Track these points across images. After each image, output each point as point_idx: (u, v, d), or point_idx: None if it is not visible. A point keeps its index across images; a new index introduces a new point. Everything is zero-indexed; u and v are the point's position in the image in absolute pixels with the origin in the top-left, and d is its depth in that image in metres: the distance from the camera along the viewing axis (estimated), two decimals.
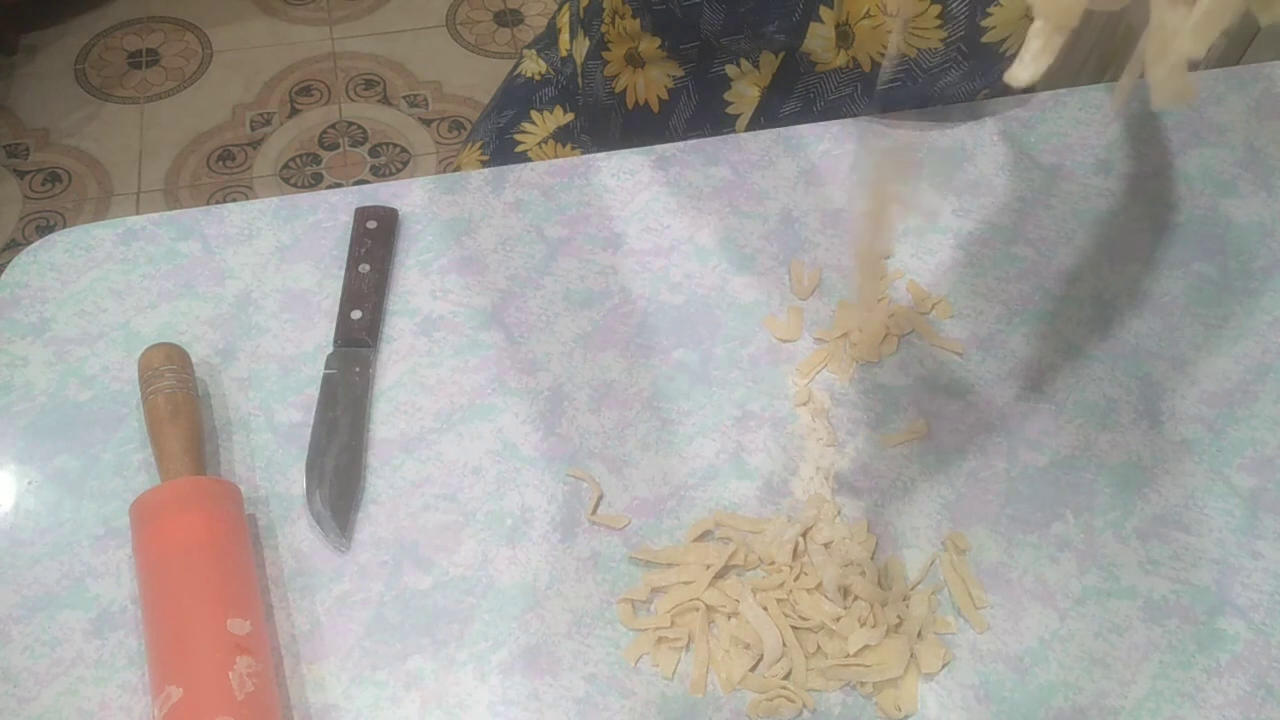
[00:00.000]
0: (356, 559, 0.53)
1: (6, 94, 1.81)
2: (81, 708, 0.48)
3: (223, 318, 0.61)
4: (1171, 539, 0.56)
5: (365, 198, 0.67)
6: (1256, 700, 0.51)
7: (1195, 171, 0.72)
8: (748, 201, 0.68)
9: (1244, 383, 0.62)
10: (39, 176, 1.70)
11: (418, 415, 0.58)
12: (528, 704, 0.49)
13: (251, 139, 1.78)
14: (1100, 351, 0.63)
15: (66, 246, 0.63)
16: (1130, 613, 0.53)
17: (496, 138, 0.89)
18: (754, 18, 0.70)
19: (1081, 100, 0.75)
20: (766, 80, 0.75)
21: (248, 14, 1.97)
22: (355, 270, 0.62)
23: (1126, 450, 0.59)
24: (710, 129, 0.79)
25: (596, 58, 0.81)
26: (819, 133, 0.72)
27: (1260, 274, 0.67)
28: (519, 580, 0.53)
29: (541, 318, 0.62)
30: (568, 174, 0.69)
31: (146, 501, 0.50)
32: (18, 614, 0.51)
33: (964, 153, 0.72)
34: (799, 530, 0.54)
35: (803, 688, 0.50)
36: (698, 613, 0.51)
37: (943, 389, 0.61)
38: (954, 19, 0.66)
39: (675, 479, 0.57)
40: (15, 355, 0.59)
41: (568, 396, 0.59)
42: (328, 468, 0.55)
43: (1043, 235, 0.68)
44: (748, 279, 0.65)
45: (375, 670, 0.50)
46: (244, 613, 0.48)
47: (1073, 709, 0.50)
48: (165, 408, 0.53)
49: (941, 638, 0.52)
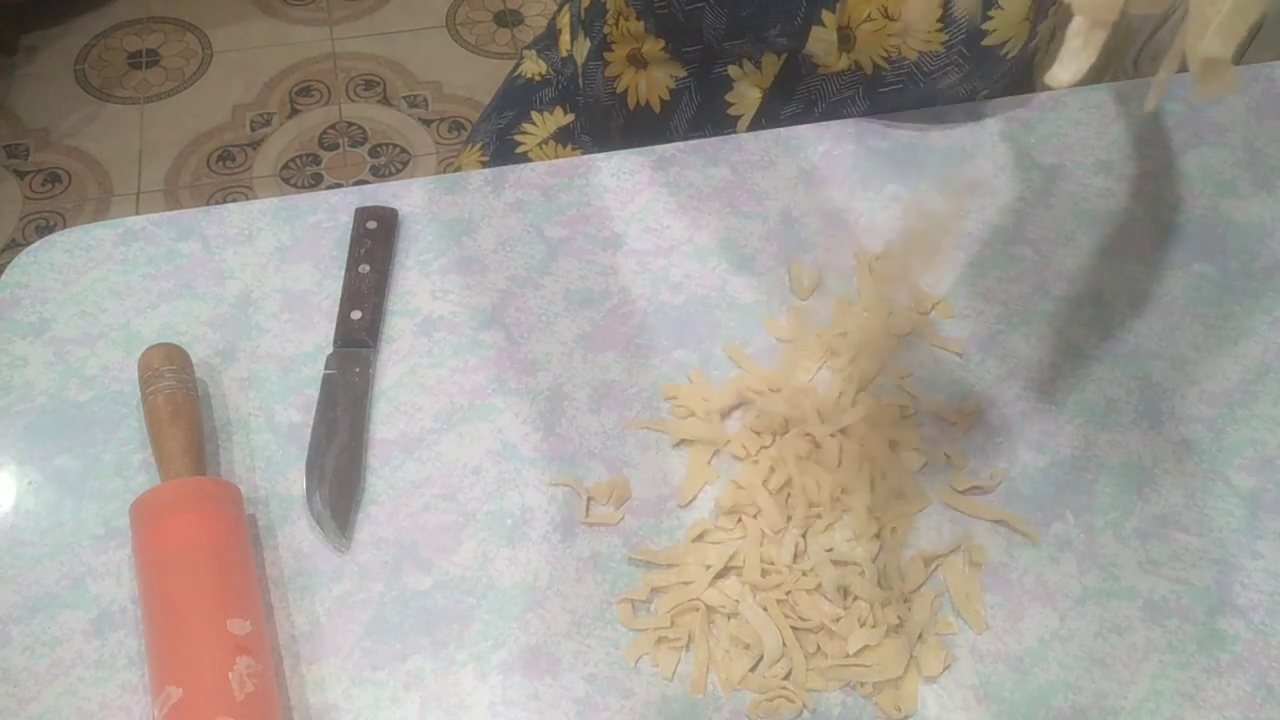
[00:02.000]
0: (356, 559, 0.53)
1: (6, 94, 1.81)
2: (81, 708, 0.48)
3: (223, 318, 0.61)
4: (1171, 539, 0.56)
5: (365, 198, 0.67)
6: (1256, 700, 0.51)
7: (1195, 171, 0.72)
8: (748, 202, 0.68)
9: (1244, 383, 0.62)
10: (39, 177, 1.70)
11: (418, 415, 0.58)
12: (528, 704, 0.49)
13: (251, 139, 1.78)
14: (1100, 351, 0.63)
15: (66, 247, 0.63)
16: (1130, 613, 0.53)
17: (497, 139, 0.89)
18: (756, 21, 0.70)
19: (1081, 100, 0.75)
20: (768, 82, 0.75)
21: (248, 14, 1.97)
22: (355, 270, 0.62)
23: (1126, 450, 0.59)
24: (711, 130, 0.79)
25: (598, 58, 0.81)
26: (819, 133, 0.72)
27: (1260, 274, 0.67)
28: (519, 580, 0.53)
29: (541, 318, 0.62)
30: (568, 174, 0.69)
31: (146, 502, 0.50)
32: (18, 614, 0.51)
33: (964, 153, 0.72)
34: (800, 532, 0.54)
35: (802, 688, 0.50)
36: (698, 613, 0.51)
37: (943, 389, 0.61)
38: (955, 22, 0.66)
39: (675, 479, 0.57)
40: (15, 355, 0.59)
41: (567, 397, 0.59)
42: (328, 468, 0.55)
43: (1043, 235, 0.68)
44: (748, 279, 0.65)
45: (375, 670, 0.50)
46: (244, 613, 0.48)
47: (1073, 709, 0.50)
48: (165, 408, 0.53)
49: (942, 638, 0.52)
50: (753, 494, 0.55)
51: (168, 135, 1.77)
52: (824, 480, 0.55)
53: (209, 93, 1.84)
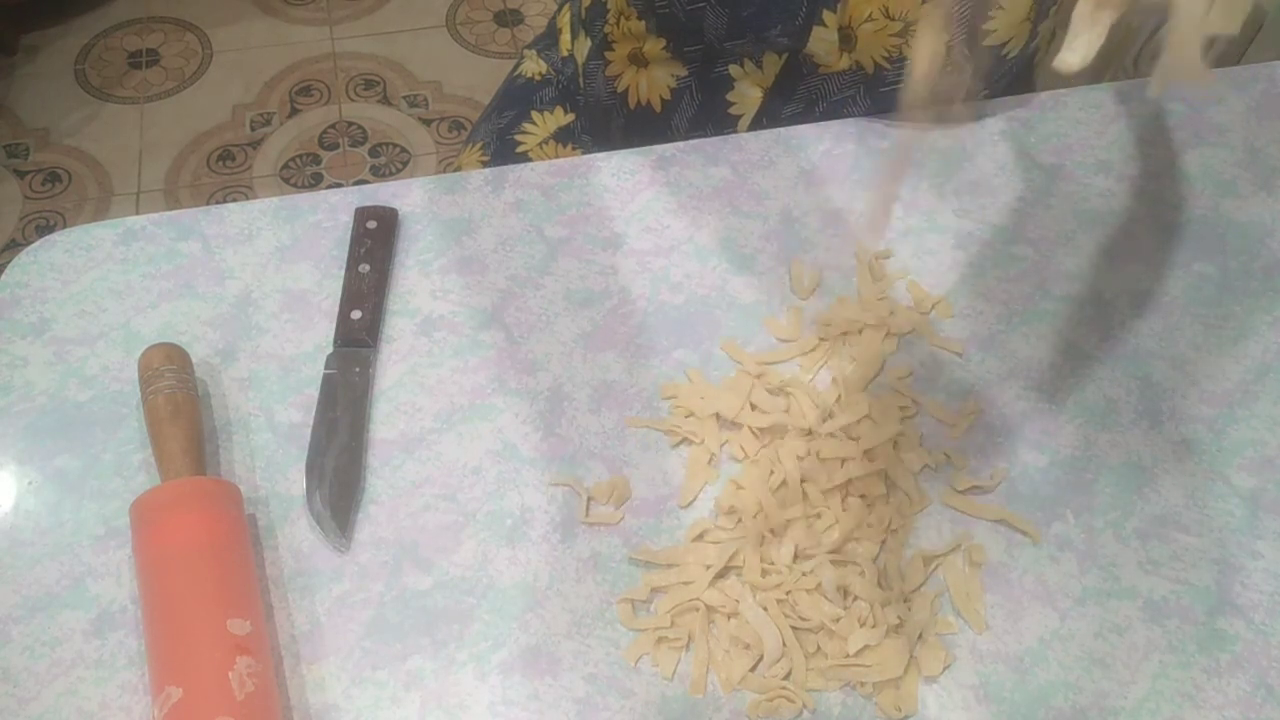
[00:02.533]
0: (356, 559, 0.53)
1: (6, 94, 1.81)
2: (81, 708, 0.48)
3: (223, 318, 0.61)
4: (1171, 539, 0.56)
5: (365, 198, 0.67)
6: (1256, 700, 0.51)
7: (1195, 171, 0.72)
8: (748, 201, 0.68)
9: (1244, 383, 0.62)
10: (39, 176, 1.70)
11: (418, 415, 0.58)
12: (528, 704, 0.49)
13: (251, 139, 1.78)
14: (1100, 351, 0.63)
15: (66, 246, 0.63)
16: (1130, 613, 0.53)
17: (497, 138, 0.89)
18: (757, 21, 0.70)
19: (1081, 100, 0.75)
20: (769, 81, 0.75)
21: (248, 14, 1.97)
22: (355, 270, 0.62)
23: (1126, 450, 0.59)
24: (712, 129, 0.79)
25: (598, 57, 0.81)
26: (819, 133, 0.72)
27: (1260, 274, 0.67)
28: (519, 580, 0.53)
29: (541, 318, 0.62)
30: (568, 174, 0.69)
31: (146, 502, 0.50)
32: (18, 614, 0.51)
33: (964, 153, 0.72)
34: (800, 531, 0.54)
35: (803, 688, 0.50)
36: (698, 613, 0.51)
37: (943, 389, 0.61)
38: (956, 22, 0.66)
39: (675, 479, 0.56)
40: (15, 355, 0.59)
41: (567, 397, 0.59)
42: (328, 468, 0.55)
43: (1043, 235, 0.68)
44: (748, 279, 0.65)
45: (375, 670, 0.50)
46: (244, 613, 0.48)
47: (1073, 709, 0.50)
48: (165, 408, 0.53)
49: (941, 638, 0.52)
50: (753, 494, 0.55)
51: (168, 135, 1.77)
52: (824, 480, 0.55)
53: (209, 93, 1.84)
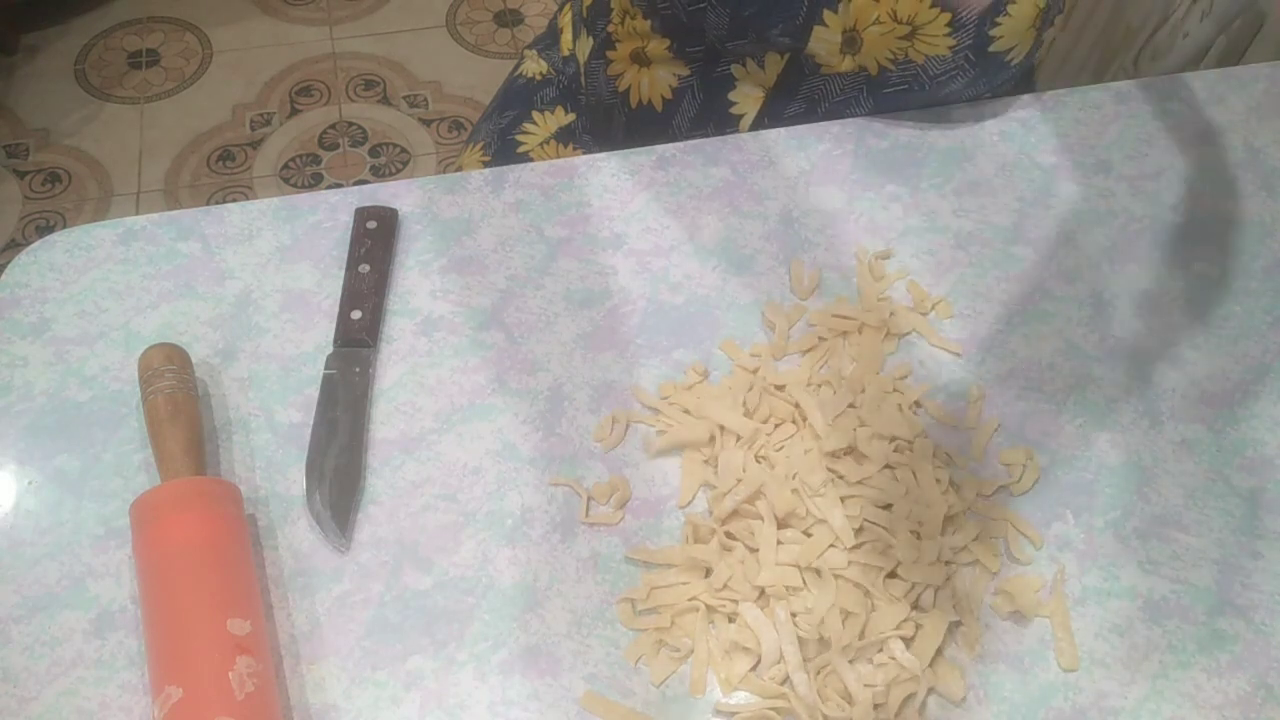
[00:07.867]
0: (356, 559, 0.53)
1: (6, 94, 1.81)
2: (81, 708, 0.48)
3: (223, 318, 0.61)
4: (1171, 539, 0.56)
5: (365, 198, 0.67)
6: (1256, 700, 0.51)
7: (1195, 171, 0.72)
8: (748, 201, 0.68)
9: (1244, 383, 0.62)
10: (39, 176, 1.70)
11: (418, 415, 0.58)
12: (528, 704, 0.49)
13: (251, 139, 1.78)
14: (1100, 351, 0.63)
15: (66, 247, 0.63)
16: (1130, 613, 0.53)
17: (498, 139, 0.89)
18: (758, 21, 0.70)
19: (1081, 100, 0.75)
20: (771, 81, 0.75)
21: (248, 14, 1.97)
22: (355, 270, 0.62)
23: (1126, 450, 0.59)
24: (714, 129, 0.79)
25: (600, 57, 0.81)
26: (819, 133, 0.72)
27: (1260, 274, 0.67)
28: (519, 580, 0.53)
29: (541, 318, 0.62)
30: (568, 174, 0.69)
31: (146, 502, 0.50)
32: (18, 614, 0.51)
33: (964, 153, 0.72)
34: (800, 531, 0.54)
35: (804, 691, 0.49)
36: (697, 613, 0.51)
37: (943, 389, 0.61)
38: (963, 27, 0.66)
39: (675, 479, 0.56)
40: (15, 355, 0.59)
41: (567, 397, 0.59)
42: (328, 468, 0.55)
43: (1043, 235, 0.68)
44: (748, 279, 0.65)
45: (375, 670, 0.50)
46: (244, 613, 0.48)
47: (1073, 709, 0.50)
48: (165, 408, 0.53)
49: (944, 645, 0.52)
50: (752, 494, 0.54)
51: (168, 135, 1.77)
52: (823, 480, 0.55)
53: (209, 93, 1.84)
